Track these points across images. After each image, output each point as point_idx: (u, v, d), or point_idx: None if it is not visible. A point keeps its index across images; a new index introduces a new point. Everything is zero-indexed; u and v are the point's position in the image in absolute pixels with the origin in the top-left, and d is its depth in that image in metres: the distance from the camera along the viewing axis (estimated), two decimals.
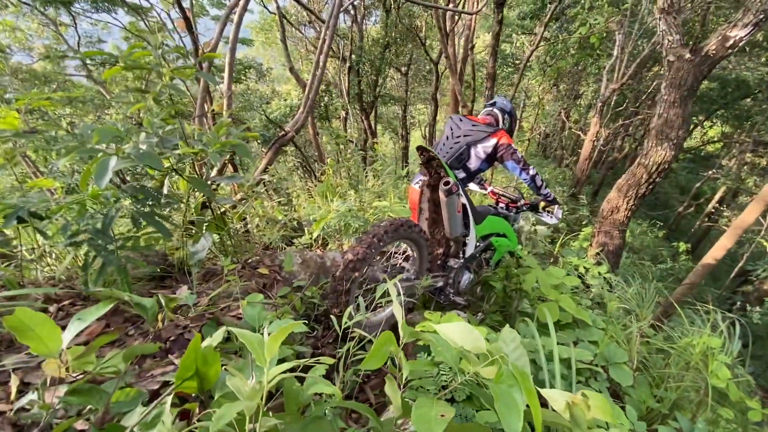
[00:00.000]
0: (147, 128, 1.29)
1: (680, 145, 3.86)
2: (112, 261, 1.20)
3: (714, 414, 2.16)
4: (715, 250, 2.94)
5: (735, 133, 14.24)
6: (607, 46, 9.81)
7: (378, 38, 12.64)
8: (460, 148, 2.35)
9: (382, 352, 0.85)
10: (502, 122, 2.56)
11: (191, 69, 1.42)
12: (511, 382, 0.77)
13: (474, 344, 0.83)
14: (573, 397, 0.83)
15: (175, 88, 1.38)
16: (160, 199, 1.43)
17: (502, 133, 2.31)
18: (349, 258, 1.75)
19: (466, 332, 0.86)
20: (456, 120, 2.47)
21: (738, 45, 3.56)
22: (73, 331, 0.74)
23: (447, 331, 0.92)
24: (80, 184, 1.19)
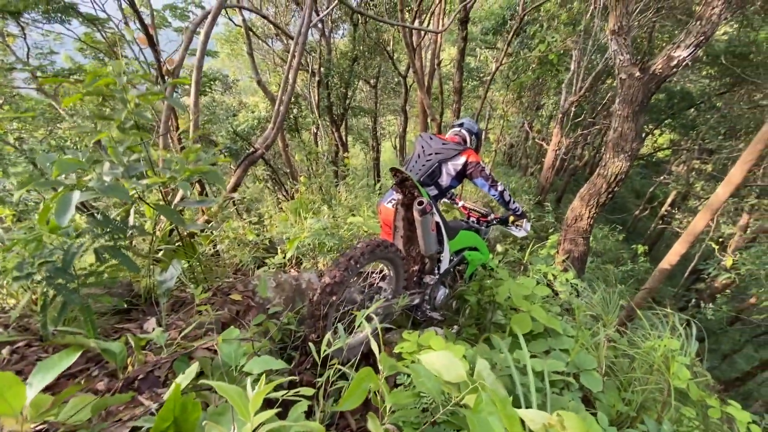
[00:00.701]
0: (112, 158, 1.24)
1: (635, 156, 4.12)
2: (75, 300, 1.13)
3: (678, 413, 2.28)
4: (670, 255, 3.14)
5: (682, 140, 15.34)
6: (565, 61, 10.36)
7: (346, 51, 12.74)
8: (432, 165, 2.41)
9: (360, 390, 0.84)
10: (469, 142, 2.65)
11: (156, 95, 1.38)
12: (490, 410, 0.79)
13: (455, 374, 0.85)
14: (549, 419, 0.86)
15: (140, 115, 1.34)
16: (126, 231, 1.37)
17: (471, 152, 2.39)
18: (326, 282, 1.74)
19: (448, 362, 0.87)
20: (426, 138, 2.53)
21: (681, 64, 3.86)
22: (37, 387, 0.70)
23: (430, 361, 0.93)
24: (38, 219, 1.13)
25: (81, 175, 1.24)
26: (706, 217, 2.86)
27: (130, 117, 1.32)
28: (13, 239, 1.23)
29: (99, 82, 1.24)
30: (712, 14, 3.65)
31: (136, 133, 1.39)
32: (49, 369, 0.77)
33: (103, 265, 1.35)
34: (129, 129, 1.34)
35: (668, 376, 2.19)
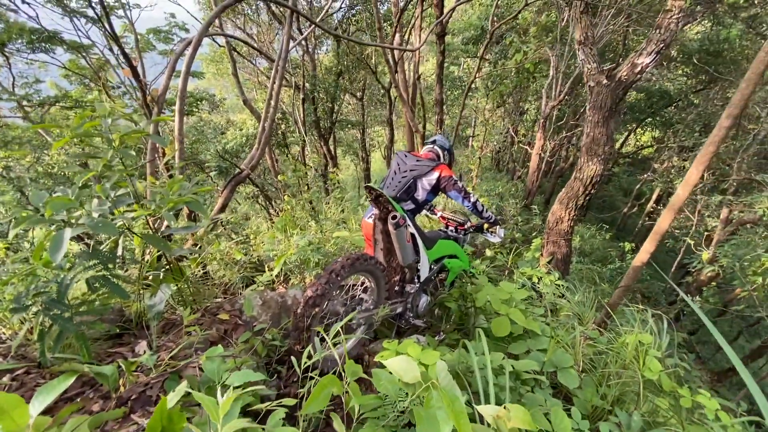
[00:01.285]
0: (100, 194, 1.35)
1: (608, 159, 4.29)
2: (70, 328, 1.23)
3: (652, 404, 2.40)
4: (641, 254, 3.28)
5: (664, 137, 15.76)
6: (543, 68, 10.67)
7: (331, 66, 12.99)
8: (407, 182, 2.55)
9: (323, 395, 0.95)
10: (442, 157, 2.80)
11: (140, 132, 1.50)
12: (439, 405, 0.91)
13: (411, 375, 0.96)
14: (498, 411, 0.97)
15: (126, 153, 1.45)
16: (116, 261, 1.47)
17: (443, 167, 2.53)
18: (308, 295, 1.84)
19: (405, 365, 0.98)
20: (401, 156, 2.67)
21: (645, 70, 4.07)
22: (38, 407, 0.80)
23: (391, 365, 1.05)
24: (33, 256, 1.22)
25: (72, 210, 1.34)
26: (670, 215, 3.01)
27: (116, 155, 1.43)
28: (10, 274, 1.32)
29: (86, 125, 1.36)
30: (670, 23, 3.87)
31: (122, 169, 1.50)
32: (49, 392, 0.87)
33: (94, 294, 1.44)
34: (115, 166, 1.45)
35: (639, 368, 2.31)
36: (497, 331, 2.48)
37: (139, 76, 3.67)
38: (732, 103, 2.46)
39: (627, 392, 2.50)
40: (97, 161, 1.42)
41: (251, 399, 1.14)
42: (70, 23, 9.15)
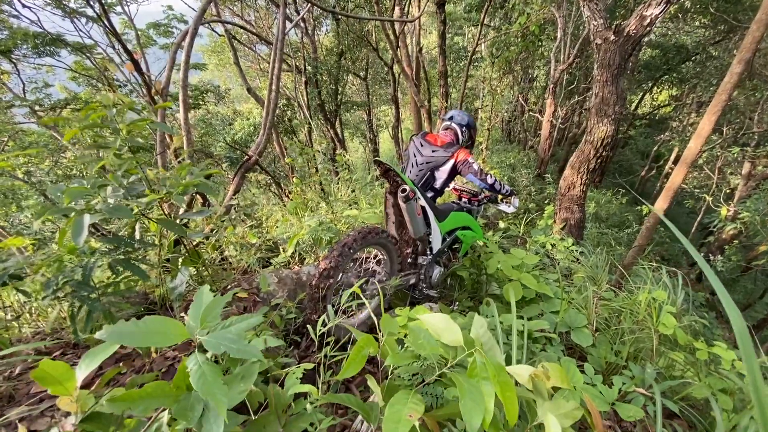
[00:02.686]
0: (113, 182, 1.41)
1: (618, 119, 4.18)
2: (97, 308, 1.31)
3: (668, 359, 2.42)
4: (654, 212, 3.23)
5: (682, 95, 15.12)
6: (549, 30, 10.28)
7: (332, 47, 12.78)
8: (424, 174, 2.59)
9: (360, 357, 0.94)
10: (461, 135, 2.74)
11: (145, 121, 1.54)
12: (484, 375, 0.86)
13: (453, 337, 0.95)
14: (534, 371, 0.96)
15: (133, 141, 1.50)
16: (134, 244, 1.54)
17: (459, 152, 2.52)
18: (322, 267, 1.91)
19: (446, 325, 0.97)
20: (417, 144, 2.67)
21: (654, 22, 3.90)
22: (85, 369, 0.88)
23: (430, 322, 1.03)
24: (58, 242, 1.30)
25: (89, 200, 1.41)
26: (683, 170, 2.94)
27: (124, 144, 1.48)
28: (38, 262, 1.41)
29: (92, 116, 1.41)
30: None
31: (132, 157, 1.56)
32: (93, 358, 0.95)
33: (118, 277, 1.53)
34: (124, 154, 1.50)
35: (653, 324, 2.32)
36: (509, 295, 2.51)
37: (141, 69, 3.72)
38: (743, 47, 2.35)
39: (642, 348, 2.52)
40: (107, 151, 1.48)
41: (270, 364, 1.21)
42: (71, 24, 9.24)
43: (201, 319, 0.90)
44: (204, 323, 0.89)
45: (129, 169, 1.55)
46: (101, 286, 1.55)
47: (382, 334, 0.97)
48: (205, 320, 0.90)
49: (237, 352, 0.83)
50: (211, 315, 0.91)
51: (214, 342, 0.85)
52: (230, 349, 0.83)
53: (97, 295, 1.37)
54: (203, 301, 0.98)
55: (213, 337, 0.86)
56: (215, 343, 0.85)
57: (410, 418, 0.82)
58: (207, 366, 0.81)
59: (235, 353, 0.83)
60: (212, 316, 0.91)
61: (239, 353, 0.83)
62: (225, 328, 0.91)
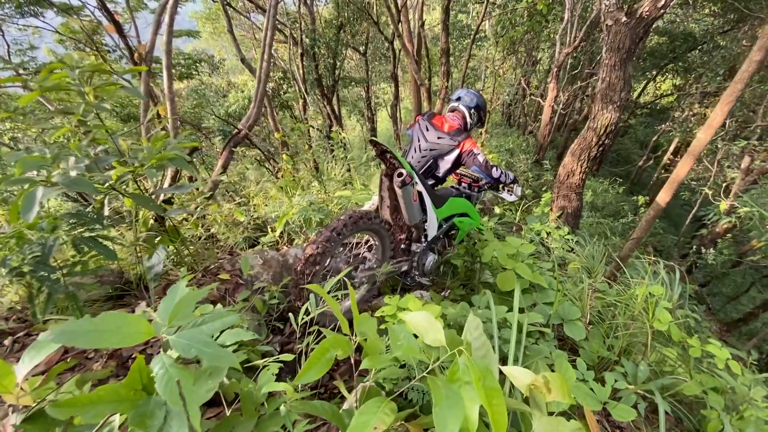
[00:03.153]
0: (75, 152, 1.27)
1: (624, 106, 4.04)
2: (58, 290, 1.20)
3: (660, 354, 2.38)
4: (656, 204, 3.14)
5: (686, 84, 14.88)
6: (558, 11, 9.93)
7: (331, 19, 12.30)
8: (427, 161, 2.47)
9: (324, 360, 0.82)
10: (469, 118, 2.58)
11: (114, 85, 1.39)
12: (467, 379, 0.76)
13: (434, 337, 0.85)
14: (534, 380, 0.83)
15: (100, 107, 1.36)
16: (103, 221, 1.42)
17: (465, 142, 2.38)
18: (308, 252, 1.80)
19: (428, 324, 0.87)
20: (423, 128, 2.52)
21: (669, 4, 3.71)
22: (28, 364, 0.78)
23: (411, 321, 0.91)
24: (9, 217, 1.18)
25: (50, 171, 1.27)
26: (689, 162, 2.84)
27: (90, 110, 1.34)
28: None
29: (52, 77, 1.26)
30: None
31: (100, 125, 1.42)
32: (39, 350, 0.84)
33: (84, 256, 1.41)
34: (91, 121, 1.36)
35: (648, 320, 2.27)
36: (503, 285, 2.43)
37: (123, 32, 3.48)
38: (765, 33, 2.21)
39: (634, 343, 2.48)
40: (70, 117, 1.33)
41: (244, 357, 1.12)
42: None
43: (170, 316, 0.79)
44: (172, 320, 0.79)
45: (97, 139, 1.40)
46: (68, 264, 1.44)
47: (354, 334, 0.85)
48: (175, 317, 0.79)
49: (210, 356, 0.73)
50: (182, 312, 0.80)
51: (184, 343, 0.74)
52: (202, 352, 0.73)
53: (59, 275, 1.26)
54: (177, 295, 0.87)
55: (183, 337, 0.76)
56: (185, 344, 0.74)
57: (375, 430, 0.73)
58: (175, 370, 0.71)
59: (208, 357, 0.73)
60: (183, 313, 0.80)
61: (212, 358, 0.73)
62: (196, 327, 0.81)
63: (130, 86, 1.42)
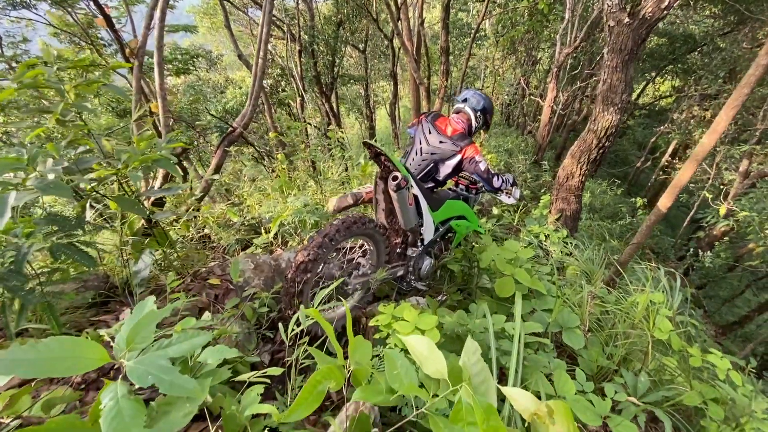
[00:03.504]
0: (53, 153, 1.20)
1: (625, 108, 3.99)
2: (31, 300, 1.14)
3: (660, 363, 2.34)
4: (657, 208, 3.10)
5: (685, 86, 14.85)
6: (559, 11, 9.87)
7: (330, 16, 12.18)
8: (428, 165, 2.41)
9: (316, 393, 0.74)
10: (474, 121, 2.52)
11: (96, 82, 1.32)
12: (470, 419, 0.71)
13: (435, 368, 0.77)
14: (537, 409, 0.77)
15: (80, 106, 1.29)
16: (83, 226, 1.35)
17: (468, 149, 2.32)
18: (299, 259, 1.74)
19: (428, 352, 0.78)
20: (425, 129, 2.45)
21: (672, 5, 3.65)
22: None
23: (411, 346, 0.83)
24: None
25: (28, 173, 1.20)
26: (692, 167, 2.79)
27: (69, 108, 1.27)
28: None
29: (29, 73, 1.19)
30: None
31: (81, 125, 1.35)
32: None
33: (64, 262, 1.35)
34: (70, 121, 1.29)
35: (648, 329, 2.22)
36: (501, 291, 2.38)
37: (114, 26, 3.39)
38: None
39: (633, 351, 2.44)
40: (49, 117, 1.26)
41: (229, 374, 1.06)
42: None
43: (127, 339, 0.72)
44: (131, 344, 0.72)
45: (78, 139, 1.34)
46: (46, 271, 1.37)
47: (348, 363, 0.78)
48: (133, 340, 0.73)
49: (168, 385, 0.66)
50: (141, 334, 0.74)
51: (141, 370, 0.68)
52: (160, 380, 0.66)
53: (34, 284, 1.19)
54: (143, 313, 0.81)
55: (141, 363, 0.69)
56: (142, 371, 0.68)
57: None
58: (127, 402, 0.65)
59: (166, 387, 0.66)
60: (143, 336, 0.74)
61: (171, 387, 0.66)
62: (161, 349, 0.74)
63: (113, 85, 1.35)
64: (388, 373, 0.74)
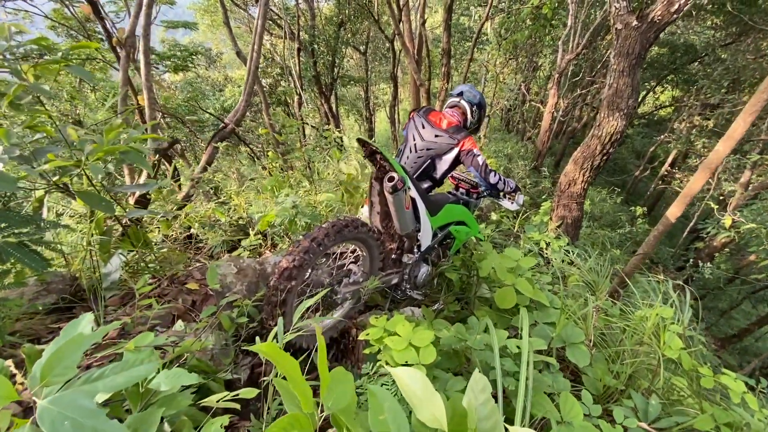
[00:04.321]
0: (2, 140, 1.06)
1: (631, 114, 3.87)
2: None
3: (669, 383, 2.20)
4: (665, 218, 2.97)
5: (685, 96, 14.84)
6: (562, 16, 9.81)
7: (331, 16, 12.09)
8: (424, 162, 2.28)
9: None
10: (470, 115, 2.40)
11: (59, 62, 1.18)
12: None
13: (429, 413, 0.59)
14: None
15: (38, 89, 1.14)
16: (40, 223, 1.20)
17: (465, 140, 2.19)
18: (284, 265, 1.59)
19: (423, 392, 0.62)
20: (418, 124, 2.31)
21: (683, 9, 3.54)
22: None
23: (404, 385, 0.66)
24: None
25: None
26: (705, 176, 2.67)
27: (24, 90, 1.12)
28: None
29: None
30: None
31: (40, 110, 1.20)
32: None
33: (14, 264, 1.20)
34: (26, 105, 1.14)
35: (658, 346, 2.09)
36: (502, 302, 2.24)
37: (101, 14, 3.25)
38: None
39: (640, 369, 2.30)
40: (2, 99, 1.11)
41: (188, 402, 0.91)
42: None
43: (43, 370, 0.57)
44: (47, 376, 0.57)
45: (34, 125, 1.19)
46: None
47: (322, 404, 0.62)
48: (51, 371, 0.58)
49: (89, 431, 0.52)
50: (63, 363, 0.59)
51: (54, 413, 0.53)
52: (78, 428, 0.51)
53: None
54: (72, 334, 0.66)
55: (57, 403, 0.54)
56: (56, 414, 0.52)
57: None
58: None
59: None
60: (65, 366, 0.59)
61: None
62: (89, 383, 0.59)
63: (77, 67, 1.20)
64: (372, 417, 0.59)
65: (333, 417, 0.60)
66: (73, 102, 6.49)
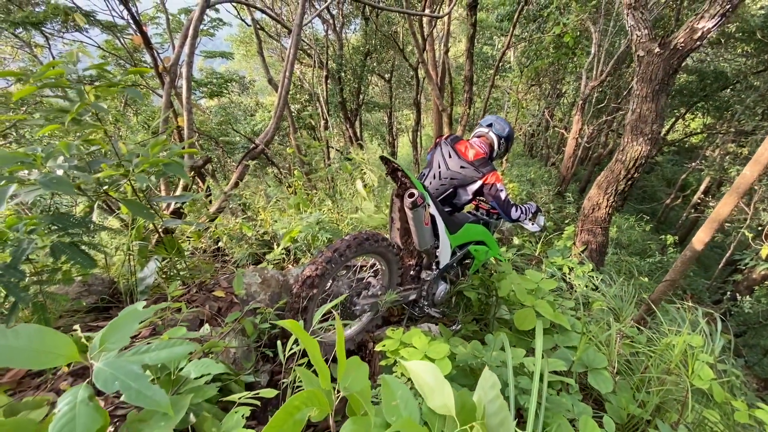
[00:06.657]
0: (63, 151, 1.20)
1: (655, 139, 3.84)
2: (24, 298, 1.10)
3: (699, 416, 2.09)
4: (693, 244, 2.88)
5: (717, 123, 14.44)
6: (585, 45, 9.90)
7: (359, 46, 12.64)
8: (446, 189, 2.34)
9: (293, 422, 0.61)
10: (497, 147, 2.45)
11: (116, 85, 1.33)
12: None
13: (440, 401, 0.65)
14: None
15: (98, 107, 1.29)
16: (89, 226, 1.33)
17: (489, 175, 2.25)
18: (306, 274, 1.66)
19: (434, 381, 0.67)
20: (445, 153, 2.38)
21: (706, 36, 3.55)
22: None
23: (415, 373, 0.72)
24: None
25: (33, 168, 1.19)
26: (733, 200, 2.59)
27: (86, 108, 1.27)
28: None
29: (48, 73, 1.20)
30: None
31: (98, 125, 1.35)
32: None
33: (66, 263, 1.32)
34: (85, 121, 1.29)
35: (687, 375, 2.00)
36: (521, 324, 2.21)
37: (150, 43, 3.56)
38: None
39: (668, 400, 2.20)
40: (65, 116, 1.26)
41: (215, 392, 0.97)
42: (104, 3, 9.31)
43: (101, 338, 0.65)
44: (105, 343, 0.65)
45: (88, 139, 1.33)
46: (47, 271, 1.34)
47: (336, 388, 0.67)
48: (108, 339, 0.66)
49: (135, 394, 0.58)
50: (118, 333, 0.67)
51: (107, 373, 0.60)
52: (126, 388, 0.59)
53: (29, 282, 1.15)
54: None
55: (109, 365, 0.62)
56: (109, 375, 0.60)
57: None
58: (85, 408, 0.57)
59: (132, 396, 0.58)
60: (119, 336, 0.67)
61: (137, 397, 0.58)
62: (137, 354, 0.67)
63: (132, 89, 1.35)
64: (385, 403, 0.62)
65: (350, 398, 0.64)
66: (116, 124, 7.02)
